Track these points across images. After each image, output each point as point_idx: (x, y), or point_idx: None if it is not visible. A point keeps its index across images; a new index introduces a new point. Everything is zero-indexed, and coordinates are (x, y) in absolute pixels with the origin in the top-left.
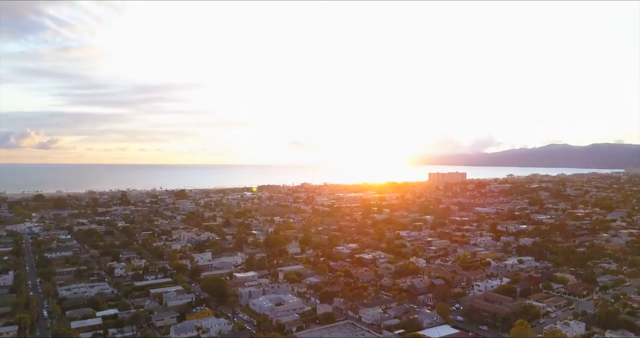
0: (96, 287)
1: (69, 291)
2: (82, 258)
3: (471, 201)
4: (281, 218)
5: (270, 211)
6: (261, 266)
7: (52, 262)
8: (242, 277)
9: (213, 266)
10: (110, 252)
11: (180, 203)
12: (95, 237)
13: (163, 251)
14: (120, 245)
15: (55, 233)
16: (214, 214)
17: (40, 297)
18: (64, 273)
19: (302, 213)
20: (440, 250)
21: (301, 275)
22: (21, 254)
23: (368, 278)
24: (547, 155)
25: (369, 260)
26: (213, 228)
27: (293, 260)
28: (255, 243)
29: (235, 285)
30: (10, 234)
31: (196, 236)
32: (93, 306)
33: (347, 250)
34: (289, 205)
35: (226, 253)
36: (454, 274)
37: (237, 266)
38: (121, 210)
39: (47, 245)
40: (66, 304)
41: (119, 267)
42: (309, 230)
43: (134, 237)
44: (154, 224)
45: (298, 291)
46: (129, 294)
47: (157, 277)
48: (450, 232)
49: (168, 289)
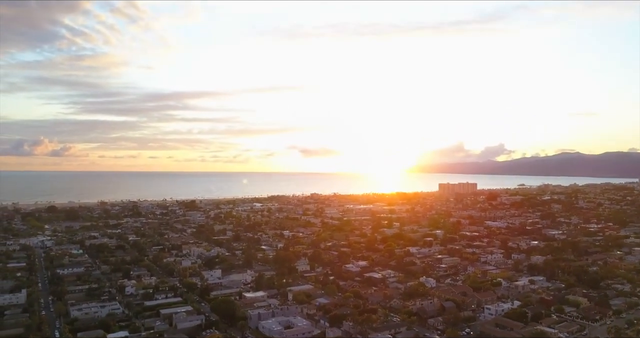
0: (107, 307)
1: (80, 311)
2: (94, 275)
3: (482, 214)
4: (290, 233)
5: (280, 224)
6: (270, 285)
7: (64, 279)
8: (251, 297)
9: (223, 284)
10: (121, 268)
11: (190, 215)
12: (107, 252)
13: (173, 268)
14: (131, 261)
15: (67, 248)
16: (223, 227)
17: (52, 317)
18: (75, 292)
19: (311, 227)
20: (450, 269)
21: (310, 296)
22: (34, 270)
23: (377, 300)
24: (559, 164)
25: (378, 279)
26: (223, 242)
27: (302, 278)
28: (265, 260)
29: (244, 306)
30: (23, 248)
31: (206, 251)
32: (104, 328)
33: (357, 268)
34: (298, 218)
35: (235, 271)
36: (465, 296)
37: (246, 284)
38: (132, 222)
39: (60, 260)
40: (77, 325)
41: (129, 284)
42: (319, 246)
43: (144, 251)
44: (165, 238)
45: (307, 313)
46: (139, 314)
47: (167, 296)
48: (460, 248)
49: (178, 310)
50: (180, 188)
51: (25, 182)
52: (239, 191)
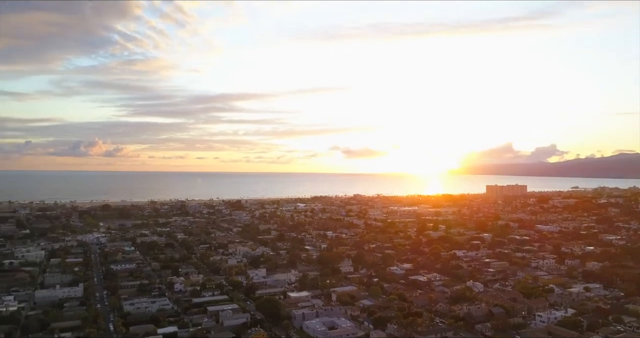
0: (157, 302)
1: (133, 306)
2: (145, 271)
3: (532, 217)
4: (334, 233)
5: (323, 225)
6: (314, 285)
7: (118, 274)
8: (295, 297)
9: (267, 284)
10: (170, 265)
11: (236, 215)
12: (157, 250)
13: (220, 266)
14: (180, 258)
15: (120, 245)
16: (268, 227)
17: (106, 310)
18: (128, 287)
19: (354, 228)
20: (498, 273)
21: (354, 297)
22: (90, 265)
23: (422, 303)
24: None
25: (423, 282)
26: (267, 242)
27: (346, 279)
28: (308, 260)
29: (288, 306)
30: (80, 244)
31: (251, 251)
32: (154, 322)
33: (401, 271)
34: (341, 219)
35: (280, 270)
36: (514, 302)
37: (290, 284)
38: (180, 221)
39: (113, 256)
40: (130, 319)
41: (178, 281)
42: (362, 247)
43: (192, 250)
44: (211, 237)
45: (351, 314)
46: (187, 311)
47: (214, 293)
48: (509, 252)
49: (224, 307)
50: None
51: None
52: (282, 191)
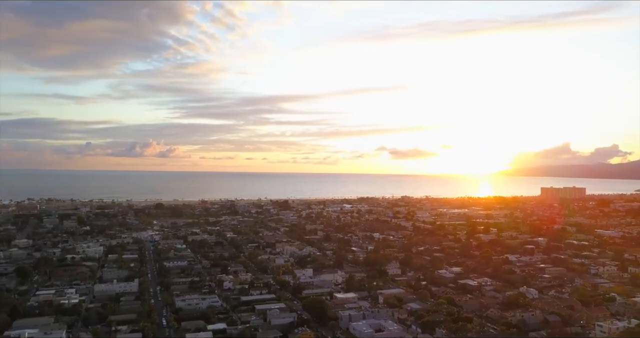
0: (207, 299)
1: (184, 302)
2: (196, 269)
3: (592, 221)
4: (381, 235)
5: (370, 226)
6: (361, 287)
7: (170, 271)
8: (342, 298)
9: (314, 284)
10: (220, 264)
11: (283, 215)
12: (207, 248)
13: (267, 265)
14: (229, 257)
15: (172, 243)
16: (314, 227)
17: (159, 305)
18: (179, 284)
19: (402, 230)
20: (554, 279)
21: (402, 300)
22: (144, 262)
23: (473, 308)
24: None
25: (473, 287)
26: (314, 242)
27: (393, 282)
28: (355, 261)
29: (335, 306)
30: (135, 241)
31: (298, 250)
32: (205, 319)
33: (450, 275)
34: (388, 221)
35: (326, 271)
36: (572, 310)
37: (337, 285)
38: (229, 220)
39: (166, 254)
40: (181, 315)
41: (227, 279)
42: (410, 249)
43: (241, 248)
44: (259, 236)
45: (398, 317)
46: (235, 309)
47: (261, 292)
48: (566, 258)
49: (272, 306)
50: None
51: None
52: (329, 192)
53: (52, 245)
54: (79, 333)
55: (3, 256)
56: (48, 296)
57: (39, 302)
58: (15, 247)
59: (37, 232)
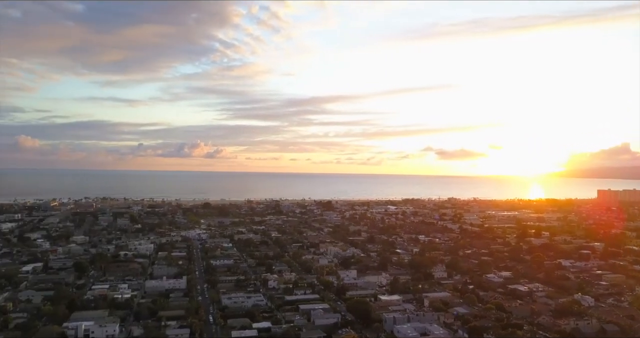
0: (252, 298)
1: (230, 300)
2: (241, 267)
3: None
4: (426, 237)
5: (415, 228)
6: (405, 289)
7: (217, 269)
8: (386, 300)
9: (358, 285)
10: (265, 263)
11: (327, 215)
12: (252, 247)
13: (311, 265)
14: (274, 256)
15: (219, 241)
16: (358, 228)
17: (206, 302)
18: (226, 282)
19: (448, 233)
20: (612, 287)
21: (448, 304)
22: (192, 259)
23: (523, 315)
24: None
25: (524, 292)
26: (358, 243)
27: (439, 285)
28: (400, 264)
29: (379, 308)
30: (183, 239)
31: (342, 251)
32: (250, 317)
33: (499, 279)
34: (434, 223)
35: (370, 272)
36: (632, 320)
37: (381, 287)
38: (274, 220)
39: (213, 252)
40: (227, 312)
41: (272, 279)
42: (457, 252)
43: (285, 248)
44: (303, 236)
45: (444, 321)
46: (280, 308)
47: (305, 292)
48: (626, 264)
49: (316, 306)
50: (317, 189)
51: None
52: (373, 193)
53: (106, 242)
54: (131, 327)
55: (62, 251)
56: (103, 290)
57: (95, 296)
58: (74, 243)
59: (93, 229)
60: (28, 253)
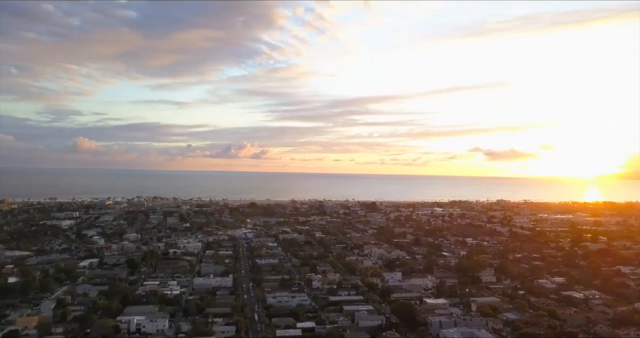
0: (297, 297)
1: (275, 299)
2: (286, 267)
3: None
4: (474, 240)
5: (462, 231)
6: (452, 293)
7: (262, 268)
8: (432, 303)
9: (403, 288)
10: (309, 263)
11: (371, 216)
12: (296, 247)
13: (355, 266)
14: (318, 256)
15: (264, 241)
16: (403, 230)
17: (252, 301)
18: (270, 281)
19: (497, 236)
20: None
21: (497, 309)
22: (238, 258)
23: (578, 323)
24: None
25: (579, 299)
26: (403, 245)
27: (487, 289)
28: (446, 266)
29: (425, 312)
30: (230, 238)
31: (386, 253)
32: (294, 316)
33: (552, 285)
34: (482, 225)
35: (416, 275)
36: None
37: (426, 290)
38: (318, 220)
39: (258, 251)
40: (272, 311)
41: (316, 279)
42: (506, 256)
43: (329, 249)
44: (347, 237)
45: (493, 327)
46: (324, 308)
47: (349, 293)
48: None
49: (360, 308)
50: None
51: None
52: (418, 194)
53: (157, 240)
54: (180, 323)
55: (116, 248)
56: (153, 286)
57: (146, 292)
58: (126, 240)
59: (145, 227)
60: (85, 250)
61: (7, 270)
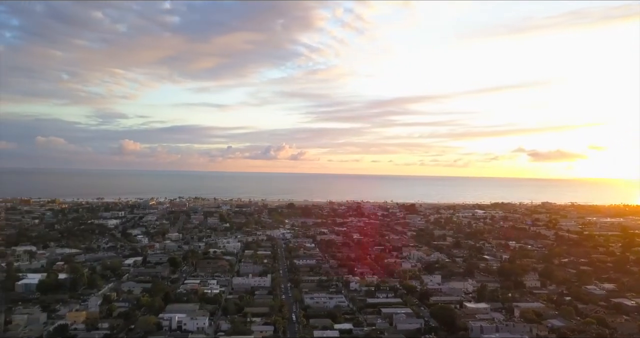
0: (334, 299)
1: (312, 300)
2: (323, 268)
3: None
4: (517, 244)
5: (505, 234)
6: (494, 298)
7: (300, 269)
8: (473, 307)
9: (442, 291)
10: (346, 264)
11: (410, 218)
12: (334, 248)
13: (394, 269)
14: (355, 258)
15: (302, 241)
16: (443, 233)
17: (290, 301)
18: (308, 281)
19: (542, 240)
20: None
21: (541, 316)
22: (276, 259)
23: (630, 332)
24: None
25: (631, 307)
26: (442, 248)
27: (531, 295)
28: (488, 270)
29: (465, 316)
30: (268, 238)
31: (425, 256)
32: (332, 318)
33: (601, 291)
34: (526, 229)
35: (456, 278)
36: None
37: (467, 294)
38: (356, 221)
39: (296, 252)
40: (310, 312)
41: (353, 280)
42: (552, 261)
43: (367, 250)
44: (385, 239)
45: (537, 334)
46: (361, 310)
47: (387, 295)
48: None
49: (398, 310)
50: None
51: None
52: (459, 196)
53: (198, 239)
54: (219, 321)
55: (159, 247)
56: (194, 285)
57: (187, 290)
58: (169, 239)
59: (186, 227)
60: (130, 248)
61: (58, 267)
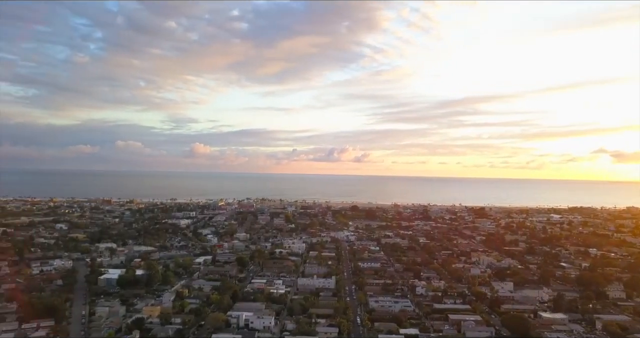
0: (400, 303)
1: (377, 303)
2: (388, 271)
3: None
4: (599, 251)
5: (584, 240)
6: (572, 308)
7: (364, 271)
8: (548, 317)
9: (514, 299)
10: (412, 268)
11: (479, 222)
12: (399, 252)
13: (462, 274)
14: (422, 262)
15: (366, 244)
16: (515, 238)
17: (354, 304)
18: (373, 285)
19: (628, 247)
20: None
21: (627, 329)
22: (340, 260)
23: None
24: None
25: None
26: (515, 254)
27: (615, 306)
28: (565, 279)
29: (540, 326)
30: (332, 240)
31: (496, 261)
32: (397, 322)
33: None
34: (609, 235)
35: (529, 286)
36: None
37: (542, 303)
38: (422, 225)
39: (360, 254)
40: (374, 315)
41: (420, 285)
42: (639, 270)
43: (433, 255)
44: (453, 243)
45: None
46: (428, 315)
47: (455, 301)
48: None
49: (467, 317)
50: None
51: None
52: (532, 200)
53: (264, 240)
54: (285, 321)
55: (227, 247)
56: (261, 284)
57: (254, 289)
58: (237, 239)
59: (253, 227)
60: (200, 247)
61: (135, 264)
